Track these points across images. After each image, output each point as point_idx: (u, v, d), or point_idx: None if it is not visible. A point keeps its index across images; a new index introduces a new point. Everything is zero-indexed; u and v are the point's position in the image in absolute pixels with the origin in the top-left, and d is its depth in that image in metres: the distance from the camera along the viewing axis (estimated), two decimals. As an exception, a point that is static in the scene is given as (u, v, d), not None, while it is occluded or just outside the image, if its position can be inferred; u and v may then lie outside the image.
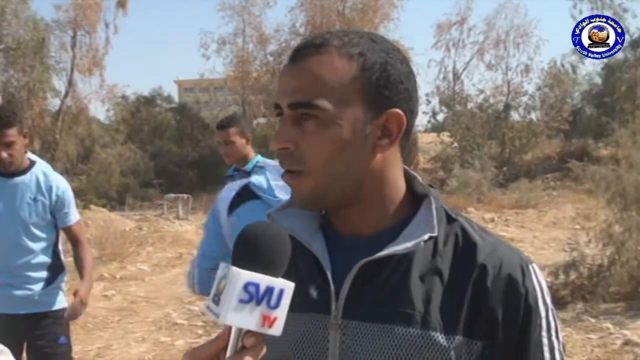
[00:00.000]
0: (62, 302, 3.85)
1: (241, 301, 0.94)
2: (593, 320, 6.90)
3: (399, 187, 1.20)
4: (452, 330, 1.09)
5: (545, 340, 1.12)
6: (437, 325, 1.09)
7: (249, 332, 0.96)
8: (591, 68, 31.83)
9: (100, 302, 8.66)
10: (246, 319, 0.94)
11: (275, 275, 0.97)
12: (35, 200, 3.71)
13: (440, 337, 1.08)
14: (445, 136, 27.80)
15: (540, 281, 1.14)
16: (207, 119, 31.68)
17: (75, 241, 3.95)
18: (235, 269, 0.95)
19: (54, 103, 28.58)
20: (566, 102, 27.84)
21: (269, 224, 1.06)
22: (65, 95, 28.17)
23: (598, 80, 29.59)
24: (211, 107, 35.28)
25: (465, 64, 29.58)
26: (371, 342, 1.11)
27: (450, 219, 1.19)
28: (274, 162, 4.39)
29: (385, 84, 1.12)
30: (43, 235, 3.77)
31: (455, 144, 26.53)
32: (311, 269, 1.18)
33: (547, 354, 1.12)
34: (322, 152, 1.10)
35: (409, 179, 1.22)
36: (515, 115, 28.34)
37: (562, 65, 28.50)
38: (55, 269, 3.83)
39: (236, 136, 4.38)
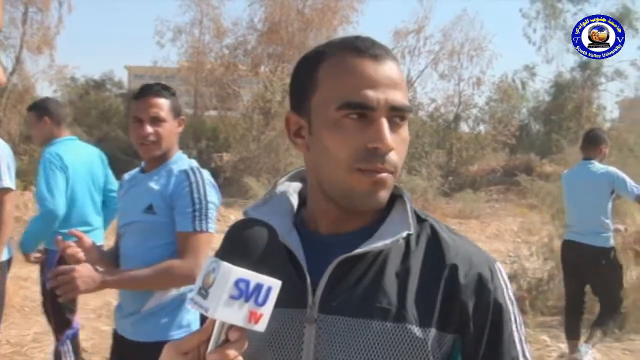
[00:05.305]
0: None
1: (231, 297, 0.95)
2: (530, 331, 7.05)
3: None
4: (427, 323, 1.12)
5: (515, 333, 1.18)
6: (413, 319, 1.12)
7: (233, 326, 0.96)
8: (540, 86, 32.53)
9: (38, 286, 8.44)
10: (234, 314, 0.95)
11: (261, 272, 0.98)
12: None
13: (417, 330, 1.11)
14: (395, 142, 27.92)
15: (505, 278, 1.21)
16: (157, 107, 31.20)
17: None
18: (227, 264, 0.95)
19: None
20: (514, 116, 28.35)
21: (256, 223, 1.06)
22: (12, 73, 27.46)
23: (546, 97, 30.29)
24: (162, 96, 34.76)
25: (419, 72, 29.81)
26: (347, 337, 1.12)
27: (420, 219, 1.24)
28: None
29: None
30: None
31: (404, 151, 26.73)
32: (286, 265, 1.20)
33: (518, 345, 1.18)
34: (404, 153, 1.17)
35: None
36: (464, 127, 28.76)
37: (513, 81, 29.09)
38: None
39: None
